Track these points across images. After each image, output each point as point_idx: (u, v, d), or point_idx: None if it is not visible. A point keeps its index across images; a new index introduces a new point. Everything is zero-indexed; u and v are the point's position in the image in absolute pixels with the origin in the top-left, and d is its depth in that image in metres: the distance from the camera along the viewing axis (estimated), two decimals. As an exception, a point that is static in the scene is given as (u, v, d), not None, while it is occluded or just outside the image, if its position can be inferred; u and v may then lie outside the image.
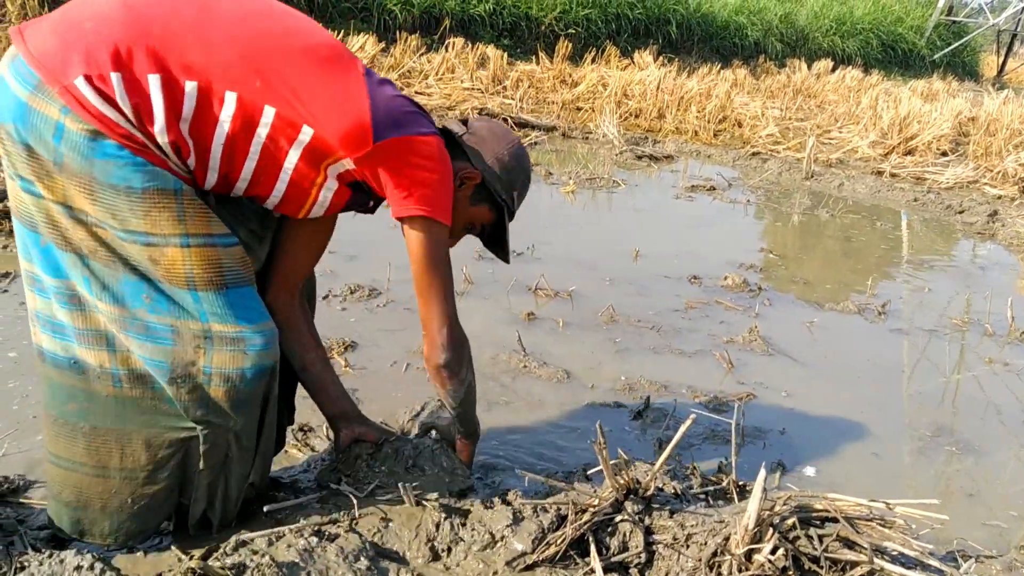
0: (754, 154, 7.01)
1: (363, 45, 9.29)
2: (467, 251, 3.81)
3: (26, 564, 1.40)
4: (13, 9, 7.86)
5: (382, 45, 9.84)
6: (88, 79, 1.27)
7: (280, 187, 1.48)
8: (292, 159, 1.44)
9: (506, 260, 1.90)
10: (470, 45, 10.46)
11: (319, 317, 1.98)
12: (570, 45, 11.68)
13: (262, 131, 1.39)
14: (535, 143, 6.77)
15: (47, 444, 1.47)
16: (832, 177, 6.37)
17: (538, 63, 11.33)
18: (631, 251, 4.07)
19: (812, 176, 6.33)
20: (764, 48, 15.08)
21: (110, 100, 1.28)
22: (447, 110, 7.67)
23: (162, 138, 1.33)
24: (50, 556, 1.42)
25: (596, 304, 3.30)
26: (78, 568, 1.39)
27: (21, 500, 1.69)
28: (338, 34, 9.67)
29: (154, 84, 1.30)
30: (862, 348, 3.19)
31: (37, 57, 1.29)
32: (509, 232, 1.85)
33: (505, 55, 10.19)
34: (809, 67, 14.29)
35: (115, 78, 1.28)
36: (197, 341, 1.41)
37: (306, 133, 1.41)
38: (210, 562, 1.48)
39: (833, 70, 14.43)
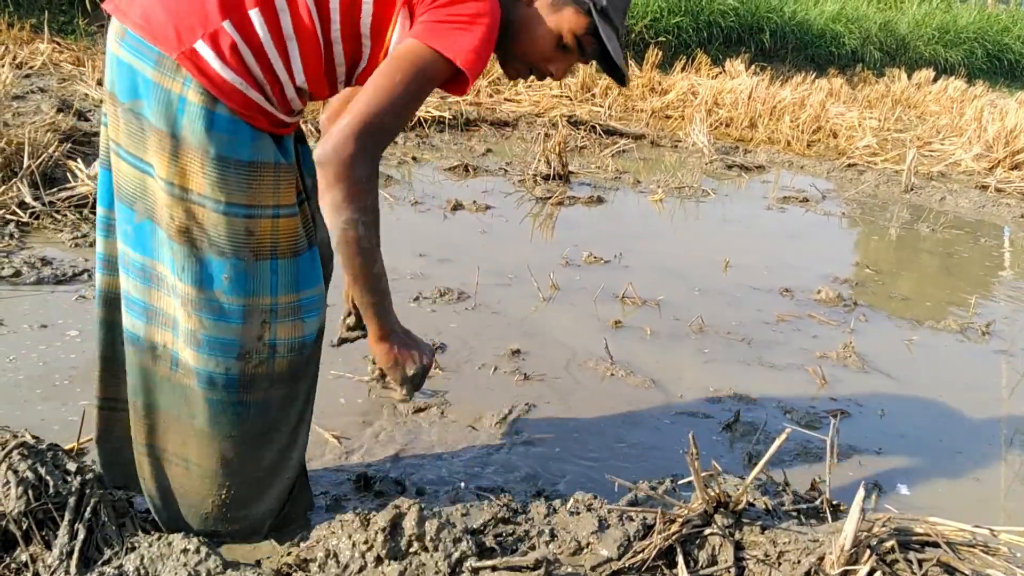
0: (850, 165, 6.81)
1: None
2: (553, 257, 3.83)
3: (136, 545, 1.47)
4: None
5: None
6: (209, 39, 1.28)
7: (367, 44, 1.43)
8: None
9: (621, 83, 1.68)
10: (560, 52, 10.48)
11: (409, 317, 2.02)
12: (660, 53, 11.58)
13: None
14: (623, 151, 6.73)
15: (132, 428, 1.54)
16: (933, 191, 6.14)
17: (628, 70, 11.26)
18: (721, 261, 4.01)
19: (912, 189, 6.12)
20: (862, 57, 14.64)
21: (227, 59, 1.30)
22: (536, 117, 7.70)
23: (292, 46, 1.36)
24: (159, 538, 1.48)
25: (685, 314, 3.27)
26: (184, 551, 1.45)
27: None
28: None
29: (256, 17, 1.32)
30: (963, 368, 3.06)
31: (148, 28, 1.29)
32: (615, 43, 1.52)
33: (594, 63, 10.19)
34: (909, 77, 13.81)
35: (228, 26, 1.30)
36: (264, 316, 1.44)
37: None
38: (302, 548, 1.53)
39: (935, 80, 13.91)
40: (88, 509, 1.45)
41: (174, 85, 1.30)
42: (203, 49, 1.29)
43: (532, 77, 1.61)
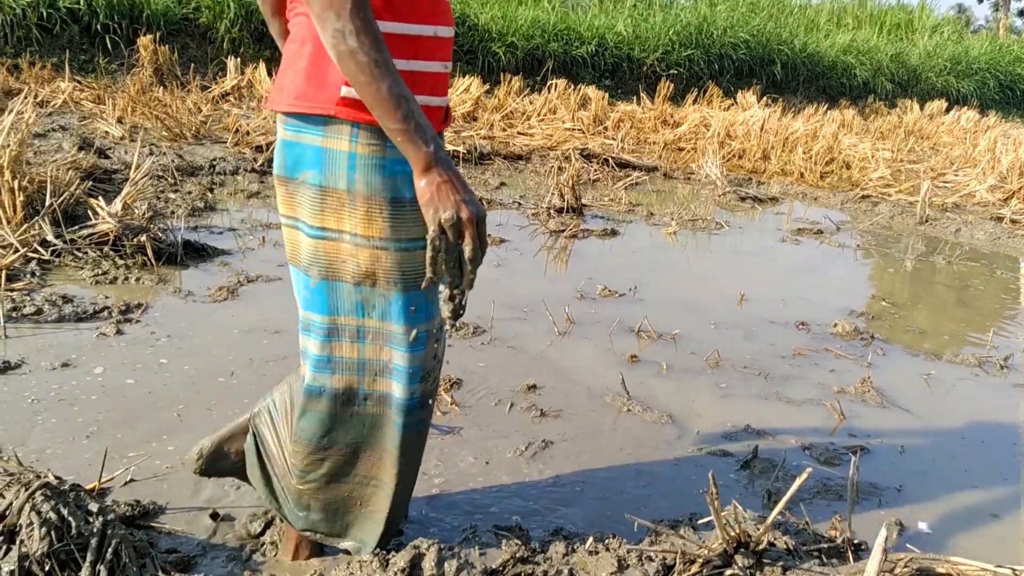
0: (864, 197, 6.81)
1: (468, 87, 9.51)
2: (568, 290, 3.84)
3: (156, 583, 1.48)
4: (146, 55, 8.40)
5: (487, 87, 10.06)
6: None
7: None
8: None
9: None
10: (572, 86, 10.59)
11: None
12: (672, 85, 11.67)
13: None
14: (636, 183, 6.77)
15: (295, 463, 1.59)
16: (948, 222, 6.12)
17: (639, 103, 11.35)
18: (736, 294, 4.01)
19: (926, 221, 6.10)
20: (873, 88, 14.70)
21: None
22: (549, 150, 7.76)
23: None
24: (179, 577, 1.49)
25: (701, 348, 3.26)
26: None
27: (152, 524, 1.78)
28: (444, 75, 9.90)
29: None
30: (983, 403, 3.04)
31: (300, 100, 1.37)
32: None
33: (606, 95, 10.26)
34: (922, 107, 13.85)
35: None
36: (436, 336, 1.55)
37: None
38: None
39: (947, 110, 13.94)
40: (109, 550, 1.46)
41: (341, 144, 1.38)
42: (350, 90, 1.34)
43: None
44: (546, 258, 4.49)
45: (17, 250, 3.32)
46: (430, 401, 1.60)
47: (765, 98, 12.60)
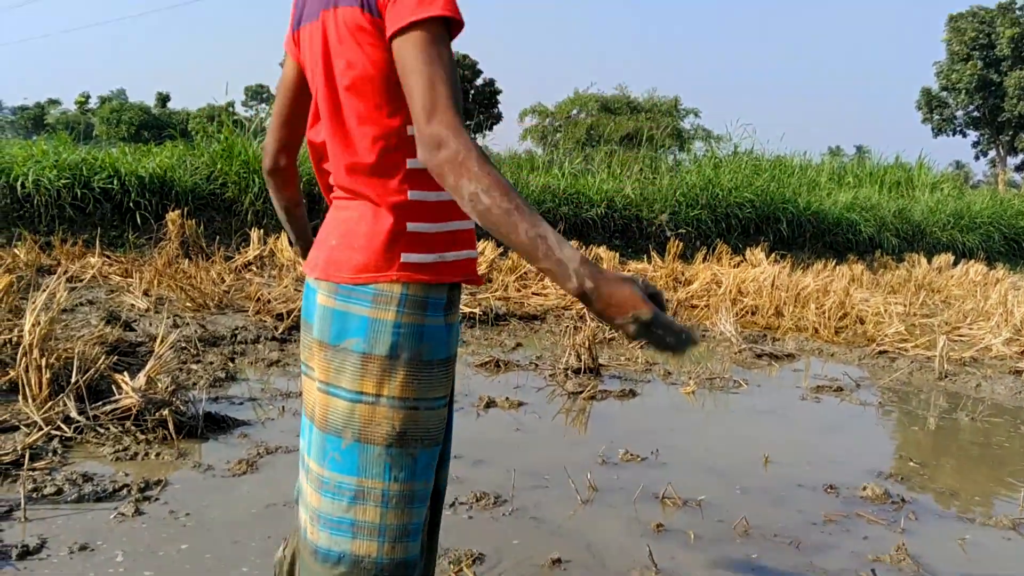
0: (881, 352, 6.81)
1: (483, 250, 9.79)
2: (589, 455, 3.80)
3: None
4: (173, 229, 8.75)
5: (500, 249, 10.34)
6: (406, 243, 1.49)
7: None
8: None
9: None
10: (584, 247, 10.88)
11: (447, 525, 1.99)
12: (681, 244, 11.97)
13: None
14: (652, 343, 6.80)
15: None
16: (968, 377, 6.08)
17: (650, 262, 11.61)
18: (760, 457, 3.95)
19: (945, 376, 6.07)
20: (879, 243, 14.99)
21: (427, 245, 1.51)
22: (563, 310, 7.88)
23: None
24: None
25: (728, 515, 3.18)
26: None
27: None
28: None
29: None
30: (1019, 569, 2.91)
31: (359, 271, 1.48)
32: None
33: (617, 255, 10.53)
34: (929, 261, 14.06)
35: (412, 226, 1.52)
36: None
37: None
38: None
39: (955, 264, 14.14)
40: None
41: (387, 314, 1.47)
42: (412, 256, 1.48)
43: None
44: (565, 421, 4.47)
45: (41, 428, 3.34)
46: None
47: (773, 254, 12.86)
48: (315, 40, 1.55)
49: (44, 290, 4.06)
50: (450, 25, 1.39)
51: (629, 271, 10.33)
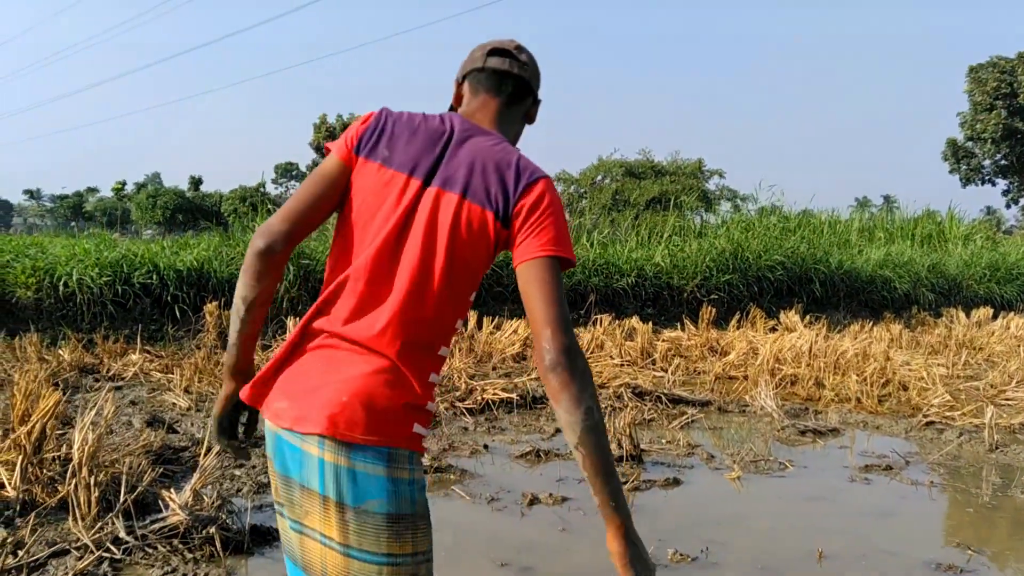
0: (928, 424, 6.67)
1: (516, 328, 9.81)
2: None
3: None
4: (211, 320, 8.88)
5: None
6: (421, 419, 1.62)
7: None
8: None
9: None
10: (617, 320, 10.86)
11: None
12: (714, 310, 11.91)
13: None
14: (691, 421, 6.73)
15: None
16: (1019, 447, 5.93)
17: (683, 329, 11.55)
18: (814, 550, 3.85)
19: (996, 448, 5.92)
20: (916, 299, 14.82)
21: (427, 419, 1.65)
22: (600, 388, 7.83)
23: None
24: None
25: (786, 623, 3.10)
26: None
27: None
28: (493, 319, 10.29)
29: None
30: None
31: (377, 436, 1.53)
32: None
33: (651, 325, 10.48)
34: (968, 315, 13.84)
35: (430, 405, 1.66)
36: None
37: None
38: None
39: (994, 317, 13.91)
40: None
41: (403, 472, 1.54)
42: (419, 428, 1.59)
43: None
44: (611, 517, 4.40)
45: (92, 551, 3.36)
46: None
47: (808, 316, 12.75)
48: (416, 202, 1.65)
49: (92, 407, 4.11)
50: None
51: (664, 341, 10.28)
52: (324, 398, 1.54)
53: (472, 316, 10.28)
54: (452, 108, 1.90)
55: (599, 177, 32.21)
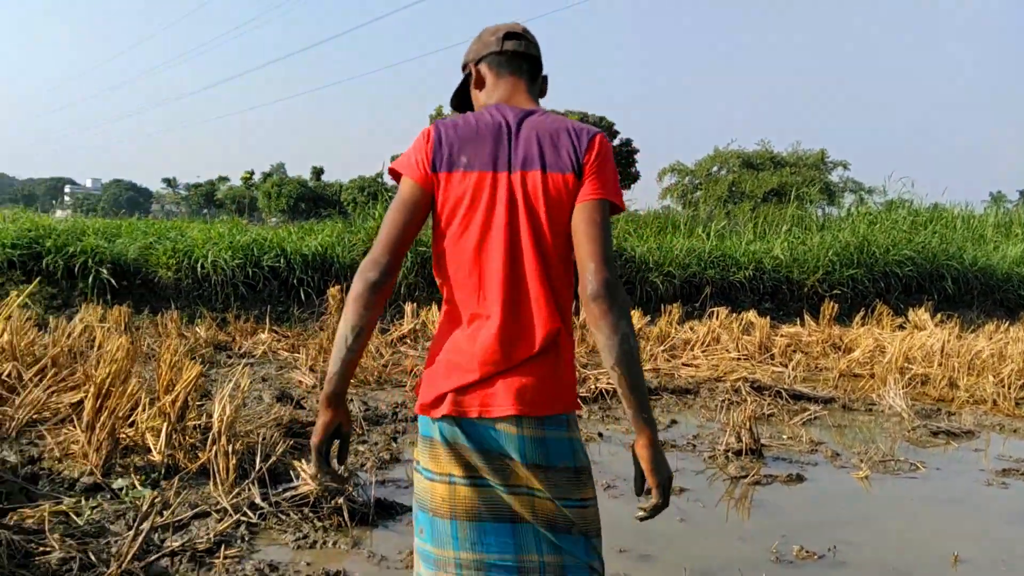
0: (1073, 429, 6.24)
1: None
2: (760, 550, 3.65)
3: None
4: (334, 304, 9.20)
5: (647, 317, 10.25)
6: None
7: None
8: None
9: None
10: (734, 313, 10.62)
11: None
12: (836, 306, 11.48)
13: None
14: (814, 418, 6.52)
15: None
16: None
17: (803, 325, 11.18)
18: (948, 554, 3.67)
19: None
20: (1057, 298, 13.85)
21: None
22: (716, 382, 7.68)
23: None
24: None
25: (920, 626, 2.97)
26: None
27: None
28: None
29: None
30: None
31: (560, 405, 1.81)
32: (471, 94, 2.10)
33: (768, 319, 10.19)
34: (1118, 316, 12.84)
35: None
36: None
37: None
38: None
39: None
40: None
41: (575, 433, 1.85)
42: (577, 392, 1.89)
43: None
44: (731, 510, 4.33)
45: (230, 515, 3.55)
46: None
47: (939, 315, 12.12)
48: (510, 192, 1.83)
49: (228, 380, 4.34)
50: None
51: (783, 336, 9.99)
52: (507, 384, 1.76)
53: (586, 305, 10.25)
54: (463, 87, 2.12)
55: (715, 168, 31.54)
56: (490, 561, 1.79)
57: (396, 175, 1.91)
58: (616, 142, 41.41)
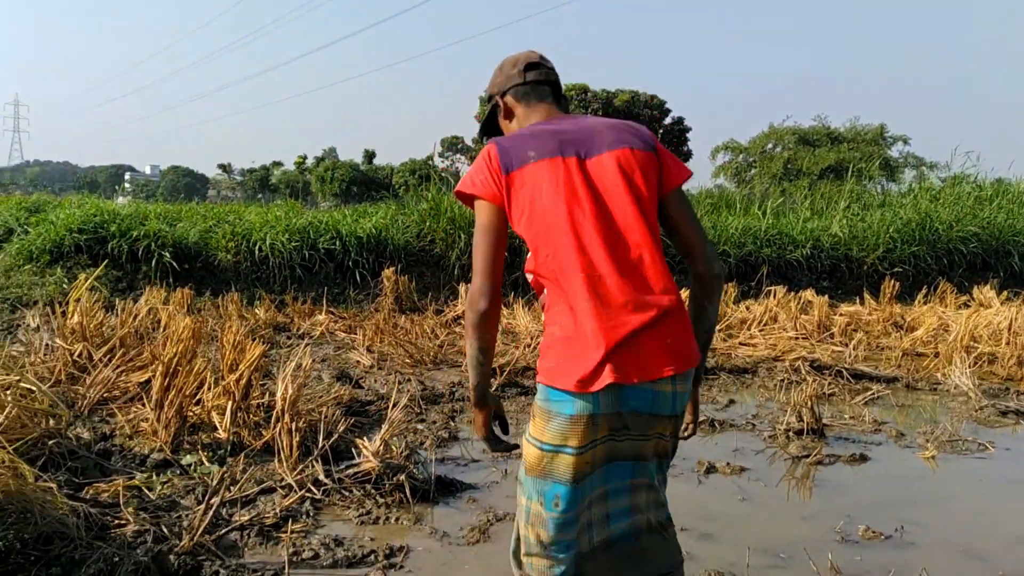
0: None
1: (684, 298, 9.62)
2: (824, 530, 3.59)
3: None
4: (388, 285, 9.28)
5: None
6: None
7: None
8: None
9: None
10: (791, 292, 10.43)
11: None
12: (897, 284, 11.20)
13: None
14: (877, 397, 6.38)
15: None
16: None
17: (863, 303, 10.94)
18: (1022, 536, 3.57)
19: None
20: None
21: None
22: (775, 361, 7.57)
23: None
24: None
25: (995, 608, 2.89)
26: None
27: None
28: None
29: None
30: None
31: (696, 361, 2.01)
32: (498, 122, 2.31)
33: (827, 298, 9.99)
34: None
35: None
36: None
37: None
38: None
39: None
40: None
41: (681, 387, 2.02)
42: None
43: None
44: (793, 489, 4.26)
45: (295, 491, 3.62)
46: None
47: (1005, 292, 11.75)
48: (586, 174, 2.01)
49: (291, 358, 4.41)
50: None
51: (842, 315, 9.79)
52: (657, 344, 1.91)
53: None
54: (491, 119, 2.31)
55: (769, 145, 30.93)
56: (611, 488, 2.02)
57: (466, 198, 2.08)
58: (668, 120, 40.88)
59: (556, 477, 1.94)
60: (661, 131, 39.82)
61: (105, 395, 4.84)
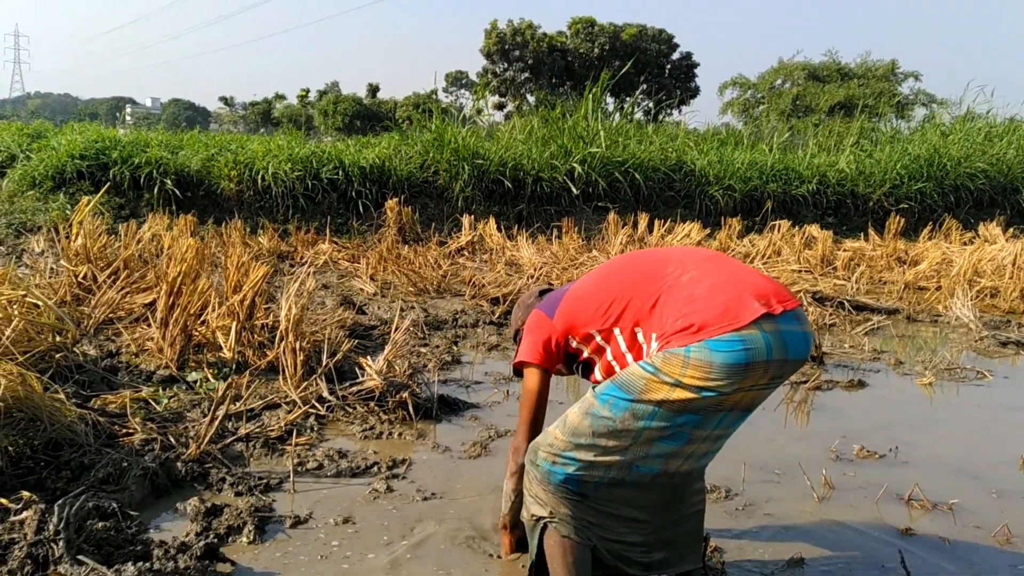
0: None
1: (688, 232, 9.62)
2: (819, 449, 3.65)
3: None
4: (391, 216, 9.27)
5: (707, 231, 10.11)
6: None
7: None
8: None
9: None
10: (795, 226, 10.40)
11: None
12: (902, 220, 11.15)
13: None
14: (877, 328, 6.42)
15: None
16: None
17: (867, 240, 10.92)
18: (1015, 458, 3.62)
19: None
20: None
21: None
22: (777, 293, 7.57)
23: None
24: None
25: (985, 520, 2.95)
26: None
27: None
28: (664, 222, 10.12)
29: None
30: None
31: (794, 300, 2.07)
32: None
33: (831, 234, 9.97)
34: None
35: None
36: None
37: None
38: None
39: None
40: None
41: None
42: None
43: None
44: (791, 413, 4.32)
45: (299, 406, 3.67)
46: None
47: (1011, 229, 11.71)
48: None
49: (295, 279, 4.43)
50: None
51: (846, 250, 9.77)
52: (748, 284, 2.04)
53: (643, 218, 10.15)
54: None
55: (778, 81, 30.46)
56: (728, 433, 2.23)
57: (530, 366, 2.38)
58: (676, 56, 40.18)
59: (690, 407, 2.03)
60: (669, 66, 39.17)
61: (110, 315, 4.88)
